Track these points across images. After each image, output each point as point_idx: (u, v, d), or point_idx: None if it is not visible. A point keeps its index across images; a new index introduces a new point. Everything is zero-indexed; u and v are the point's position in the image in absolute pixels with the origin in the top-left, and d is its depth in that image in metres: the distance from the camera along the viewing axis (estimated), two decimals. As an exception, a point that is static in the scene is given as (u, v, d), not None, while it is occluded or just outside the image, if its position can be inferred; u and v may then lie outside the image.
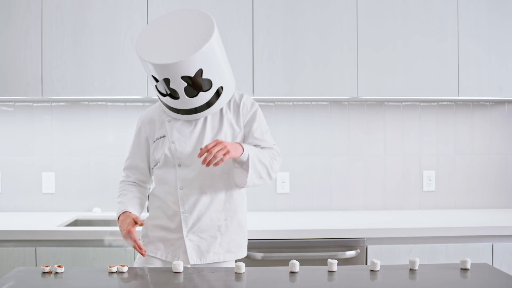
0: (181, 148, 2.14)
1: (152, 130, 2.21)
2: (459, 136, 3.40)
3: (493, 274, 1.88)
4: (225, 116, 2.18)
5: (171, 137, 2.16)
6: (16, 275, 1.83)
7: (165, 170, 2.17)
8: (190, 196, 2.14)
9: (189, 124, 2.17)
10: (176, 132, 2.16)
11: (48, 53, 2.91)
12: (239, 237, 2.22)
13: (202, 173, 2.13)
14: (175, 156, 2.14)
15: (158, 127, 2.20)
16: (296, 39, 2.96)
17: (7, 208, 3.25)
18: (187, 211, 2.14)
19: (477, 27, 3.02)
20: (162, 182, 2.19)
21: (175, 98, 2.05)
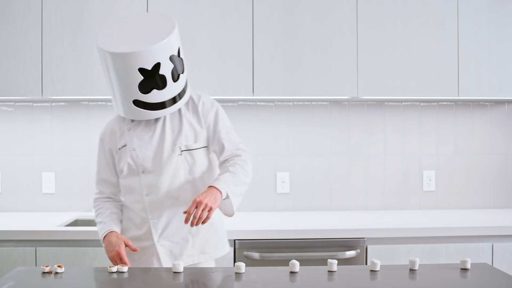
0: (142, 154, 2.15)
1: (113, 141, 2.21)
2: (459, 136, 3.40)
3: (493, 274, 1.88)
4: (184, 116, 2.18)
5: (132, 144, 2.16)
6: (16, 275, 1.83)
7: (130, 178, 2.17)
8: (157, 202, 2.13)
9: (148, 130, 2.17)
10: (136, 139, 2.16)
11: (48, 53, 2.91)
12: (213, 237, 2.21)
13: (166, 177, 2.13)
14: (138, 163, 2.15)
15: (119, 137, 2.20)
16: (296, 40, 2.96)
17: (7, 208, 3.25)
18: (155, 217, 2.13)
19: (477, 27, 3.02)
20: (129, 191, 2.19)
21: (162, 88, 2.04)
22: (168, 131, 2.16)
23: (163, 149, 2.15)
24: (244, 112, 3.31)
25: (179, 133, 2.17)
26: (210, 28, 2.94)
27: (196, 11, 2.94)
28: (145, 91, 2.04)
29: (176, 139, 2.16)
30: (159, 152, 2.14)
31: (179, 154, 2.15)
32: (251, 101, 3.30)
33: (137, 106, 2.07)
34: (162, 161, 2.14)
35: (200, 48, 2.94)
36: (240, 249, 2.66)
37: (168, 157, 2.14)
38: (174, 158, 2.14)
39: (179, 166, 2.15)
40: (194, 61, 2.92)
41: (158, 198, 2.13)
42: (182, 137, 2.16)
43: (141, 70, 2.00)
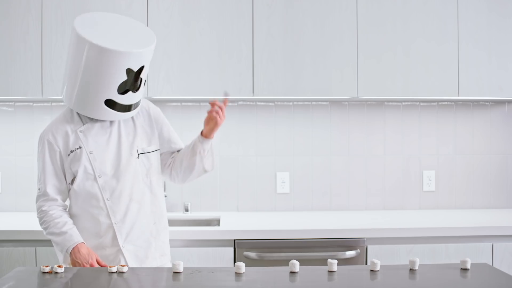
0: (100, 157, 2.12)
1: (65, 143, 2.14)
2: (459, 136, 3.40)
3: (493, 274, 1.88)
4: (136, 121, 2.21)
5: (88, 147, 2.12)
6: (16, 275, 1.83)
7: (86, 183, 2.12)
8: (120, 206, 2.12)
9: (103, 133, 2.15)
10: (92, 142, 2.13)
11: (48, 53, 2.91)
12: (167, 239, 2.26)
13: (127, 180, 2.13)
14: (95, 167, 2.11)
15: (72, 138, 2.13)
16: (296, 39, 2.96)
17: (7, 208, 3.25)
18: (119, 221, 2.11)
19: (477, 27, 3.02)
20: (86, 198, 2.13)
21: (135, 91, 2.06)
22: (124, 134, 2.17)
23: (121, 152, 2.14)
24: (244, 112, 3.31)
25: (134, 137, 2.18)
26: (210, 28, 2.94)
27: (196, 11, 2.94)
28: (122, 92, 2.04)
29: (133, 142, 2.17)
30: (118, 155, 2.14)
31: (137, 157, 2.17)
32: (251, 101, 3.30)
33: (106, 106, 2.06)
34: (121, 164, 2.14)
35: (200, 48, 2.94)
36: (240, 249, 2.66)
37: (127, 160, 2.15)
38: (132, 161, 2.15)
39: (137, 169, 2.16)
40: (194, 61, 2.92)
41: (120, 202, 2.12)
42: (138, 140, 2.18)
43: (128, 70, 2.00)
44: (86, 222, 2.14)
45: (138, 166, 2.16)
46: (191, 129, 3.29)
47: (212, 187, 3.29)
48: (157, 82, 2.93)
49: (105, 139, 2.14)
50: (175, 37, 2.94)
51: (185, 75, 2.93)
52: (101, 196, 2.11)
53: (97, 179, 2.11)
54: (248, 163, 3.31)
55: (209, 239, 2.66)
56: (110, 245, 2.12)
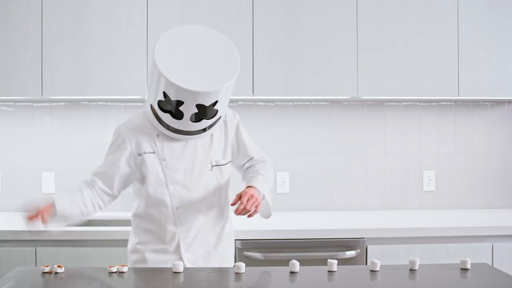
0: (173, 166, 2.08)
1: (138, 143, 2.09)
2: (459, 136, 3.40)
3: (493, 274, 1.88)
4: (214, 135, 2.16)
5: (162, 154, 2.08)
6: (16, 275, 1.83)
7: (157, 189, 2.09)
8: (188, 216, 2.09)
9: (179, 143, 2.10)
10: (167, 149, 2.08)
11: (48, 53, 2.91)
12: (229, 247, 2.23)
13: (199, 192, 2.10)
14: (167, 175, 2.08)
15: (146, 140, 2.09)
16: (296, 39, 2.96)
17: (7, 208, 3.25)
18: (184, 231, 2.10)
19: (477, 27, 3.02)
20: (155, 203, 2.10)
21: (176, 118, 2.00)
22: (200, 146, 2.11)
23: (196, 163, 2.10)
24: (244, 112, 3.31)
25: (210, 148, 2.13)
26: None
27: (196, 11, 2.94)
28: (162, 109, 2.01)
29: (208, 154, 2.13)
30: (192, 165, 2.10)
31: (210, 170, 2.13)
32: (251, 101, 3.30)
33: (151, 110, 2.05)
34: (194, 175, 2.10)
35: (200, 48, 2.93)
36: (240, 249, 2.66)
37: (200, 171, 2.11)
38: (205, 173, 2.12)
39: (210, 181, 2.12)
40: (194, 61, 2.92)
41: (189, 212, 2.09)
42: (213, 152, 2.14)
43: (165, 94, 1.95)
44: (154, 226, 2.12)
45: (210, 178, 2.13)
46: (191, 129, 3.30)
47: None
48: (157, 82, 2.92)
49: (180, 148, 2.09)
50: (175, 37, 2.93)
51: (185, 75, 2.93)
52: (170, 204, 2.08)
53: (168, 187, 2.08)
54: (248, 163, 3.30)
55: (209, 239, 2.66)
56: (173, 252, 2.10)
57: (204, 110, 2.01)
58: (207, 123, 2.04)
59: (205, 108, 2.00)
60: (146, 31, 2.93)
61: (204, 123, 2.03)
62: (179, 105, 1.95)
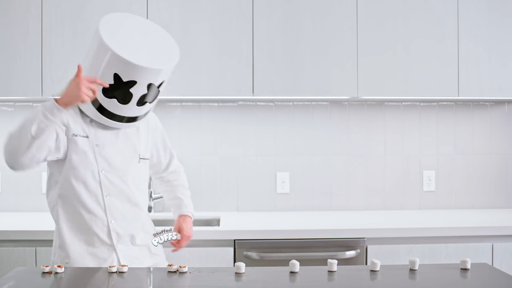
0: (105, 153, 2.08)
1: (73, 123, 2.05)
2: (459, 136, 3.40)
3: (493, 274, 1.88)
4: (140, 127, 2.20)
5: (95, 140, 2.08)
6: (16, 275, 1.83)
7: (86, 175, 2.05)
8: (117, 204, 2.09)
9: (111, 129, 2.10)
10: (100, 135, 2.08)
11: (48, 53, 2.91)
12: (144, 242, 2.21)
13: (128, 181, 2.12)
14: (99, 161, 2.06)
15: (79, 123, 2.06)
16: (296, 39, 2.96)
17: (7, 208, 3.25)
18: (115, 220, 2.09)
19: (477, 27, 3.02)
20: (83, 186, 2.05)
21: (122, 103, 2.00)
22: (129, 137, 2.16)
23: (126, 153, 2.13)
24: (244, 112, 3.31)
25: (138, 141, 2.18)
26: (210, 28, 2.94)
27: (196, 11, 2.94)
28: (107, 95, 1.99)
29: (136, 146, 2.17)
30: (122, 155, 2.12)
31: (138, 162, 2.17)
32: (251, 101, 3.30)
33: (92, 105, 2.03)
34: (125, 165, 2.12)
35: (200, 48, 2.94)
36: (240, 249, 2.66)
37: (130, 162, 2.14)
38: (134, 164, 2.16)
39: (138, 173, 2.17)
40: (194, 61, 2.92)
41: (119, 200, 2.10)
42: (141, 144, 2.19)
43: (116, 76, 1.94)
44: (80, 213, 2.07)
45: (138, 170, 2.17)
46: (191, 130, 3.30)
47: (212, 187, 3.29)
48: (157, 82, 2.92)
49: (112, 136, 2.11)
50: (175, 37, 2.90)
51: (185, 75, 2.93)
52: (100, 191, 2.08)
53: (99, 174, 2.07)
54: (248, 163, 3.31)
55: (209, 239, 2.66)
56: (103, 242, 2.08)
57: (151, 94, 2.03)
58: (148, 107, 2.08)
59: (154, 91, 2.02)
60: (146, 31, 2.92)
61: (146, 107, 2.07)
62: (130, 86, 1.96)
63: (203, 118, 3.31)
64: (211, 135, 3.30)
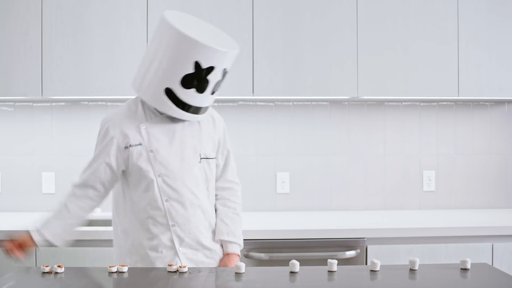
0: (161, 157, 2.04)
1: (124, 135, 2.05)
2: (459, 136, 3.40)
3: (493, 274, 1.88)
4: (202, 125, 2.15)
5: (150, 145, 2.05)
6: (16, 275, 1.83)
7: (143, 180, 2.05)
8: (178, 208, 2.07)
9: (166, 132, 2.07)
10: (154, 140, 2.05)
11: (48, 53, 2.91)
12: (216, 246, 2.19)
13: (188, 184, 2.07)
14: (155, 167, 2.04)
15: (132, 132, 2.05)
16: (296, 40, 2.96)
17: (7, 208, 3.25)
18: (177, 224, 2.07)
19: (477, 27, 3.02)
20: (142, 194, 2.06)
21: (200, 92, 1.99)
22: (188, 136, 2.09)
23: (185, 154, 2.07)
24: (244, 112, 3.31)
25: (199, 140, 2.11)
26: (210, 28, 2.94)
27: (196, 11, 2.93)
28: (186, 86, 1.97)
29: (197, 146, 2.10)
30: (181, 157, 2.07)
31: (199, 162, 2.11)
32: (251, 101, 3.30)
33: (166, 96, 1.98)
34: (184, 167, 2.07)
35: (200, 48, 2.93)
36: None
37: (190, 163, 2.08)
38: (195, 165, 2.10)
39: (198, 174, 2.10)
40: (194, 61, 2.93)
41: (180, 204, 2.07)
42: (203, 144, 2.12)
43: (196, 64, 1.94)
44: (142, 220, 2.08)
45: (199, 170, 2.11)
46: (191, 129, 3.30)
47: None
48: (157, 82, 2.93)
49: (168, 139, 2.06)
50: (175, 37, 2.93)
51: (185, 75, 2.93)
52: (159, 197, 2.06)
53: (157, 179, 2.04)
54: (248, 163, 3.31)
55: (209, 239, 2.66)
56: (166, 247, 2.07)
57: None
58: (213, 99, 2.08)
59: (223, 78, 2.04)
60: (146, 31, 2.93)
61: (213, 98, 2.07)
62: (208, 73, 1.96)
63: (203, 118, 3.30)
64: (211, 135, 3.30)
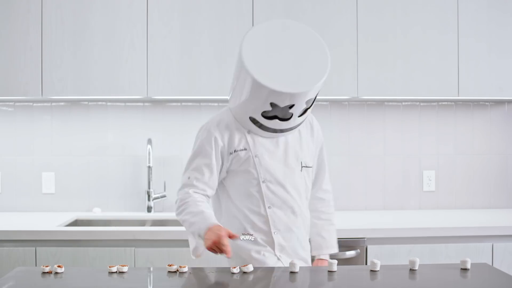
0: (266, 163, 2.03)
1: (231, 140, 2.03)
2: (459, 136, 3.40)
3: (493, 274, 1.88)
4: (302, 133, 2.11)
5: (255, 151, 2.03)
6: (16, 275, 1.83)
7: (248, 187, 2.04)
8: (280, 215, 2.04)
9: (270, 139, 2.04)
10: (259, 145, 2.03)
11: (48, 53, 2.91)
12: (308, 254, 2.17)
13: (291, 191, 2.05)
14: (260, 172, 2.02)
15: (237, 137, 2.03)
16: (296, 39, 2.96)
17: (7, 208, 3.25)
18: (278, 231, 2.04)
19: (477, 27, 3.02)
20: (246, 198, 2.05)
21: (284, 120, 1.96)
22: (290, 145, 2.07)
23: (289, 162, 2.06)
24: (244, 112, 3.31)
25: (300, 148, 2.09)
26: (210, 28, 2.94)
27: (196, 11, 2.94)
28: (268, 118, 1.95)
29: (299, 154, 2.08)
30: (285, 164, 2.05)
31: (300, 170, 2.08)
32: (251, 101, 3.29)
33: (252, 122, 1.99)
34: (287, 174, 2.05)
35: (200, 48, 2.94)
36: (240, 249, 2.65)
37: (292, 170, 2.06)
38: (297, 173, 2.07)
39: (300, 182, 2.08)
40: (194, 61, 2.93)
41: (282, 212, 2.04)
42: (303, 152, 2.09)
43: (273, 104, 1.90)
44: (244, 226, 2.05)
45: (301, 179, 2.09)
46: (191, 129, 3.29)
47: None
48: (157, 82, 2.93)
49: (272, 146, 2.04)
50: (175, 37, 2.94)
51: (185, 75, 2.93)
52: (263, 203, 2.04)
53: (261, 185, 2.03)
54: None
55: (209, 239, 2.65)
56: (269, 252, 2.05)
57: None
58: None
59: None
60: (146, 31, 2.93)
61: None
62: (289, 107, 1.91)
63: (203, 118, 3.29)
64: (211, 135, 3.29)
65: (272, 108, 1.92)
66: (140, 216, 3.17)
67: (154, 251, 2.64)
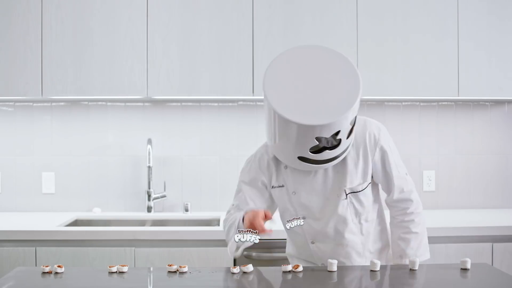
0: (303, 199, 1.98)
1: (269, 176, 2.02)
2: (459, 136, 3.40)
3: (493, 274, 1.88)
4: (347, 157, 1.95)
5: (291, 187, 1.99)
6: (16, 275, 1.83)
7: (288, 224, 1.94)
8: (325, 250, 2.01)
9: (308, 173, 1.96)
10: (295, 181, 1.98)
11: (48, 53, 2.91)
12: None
13: (332, 224, 1.98)
14: (297, 209, 1.99)
15: (275, 173, 2.00)
16: (296, 40, 2.96)
17: (7, 208, 3.25)
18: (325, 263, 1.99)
19: (477, 27, 3.02)
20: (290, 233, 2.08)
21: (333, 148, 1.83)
22: (331, 174, 1.97)
23: (328, 194, 1.97)
24: (244, 112, 3.31)
25: (344, 176, 1.96)
26: (210, 28, 2.94)
27: (196, 11, 2.94)
28: (316, 152, 1.83)
29: (341, 182, 1.96)
30: (323, 197, 1.98)
31: (344, 198, 1.97)
32: (251, 101, 3.30)
33: (301, 161, 1.87)
34: (327, 208, 1.98)
35: (200, 48, 2.94)
36: (240, 249, 2.66)
37: (334, 203, 1.97)
38: (339, 203, 1.97)
39: (345, 211, 1.97)
40: (194, 61, 2.93)
41: (326, 245, 2.02)
42: (347, 179, 1.95)
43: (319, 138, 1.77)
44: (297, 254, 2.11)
45: (346, 207, 1.98)
46: (191, 129, 3.30)
47: (212, 187, 3.29)
48: (157, 82, 2.93)
49: (309, 179, 1.97)
50: (175, 37, 2.94)
51: (185, 75, 2.93)
52: (304, 238, 2.03)
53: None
54: (248, 163, 3.30)
55: (209, 239, 2.66)
56: None
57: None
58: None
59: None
60: (146, 31, 2.93)
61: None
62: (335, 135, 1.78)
63: (203, 118, 3.31)
64: (211, 135, 3.30)
65: (319, 142, 1.81)
66: (140, 216, 3.17)
67: (154, 251, 2.64)
